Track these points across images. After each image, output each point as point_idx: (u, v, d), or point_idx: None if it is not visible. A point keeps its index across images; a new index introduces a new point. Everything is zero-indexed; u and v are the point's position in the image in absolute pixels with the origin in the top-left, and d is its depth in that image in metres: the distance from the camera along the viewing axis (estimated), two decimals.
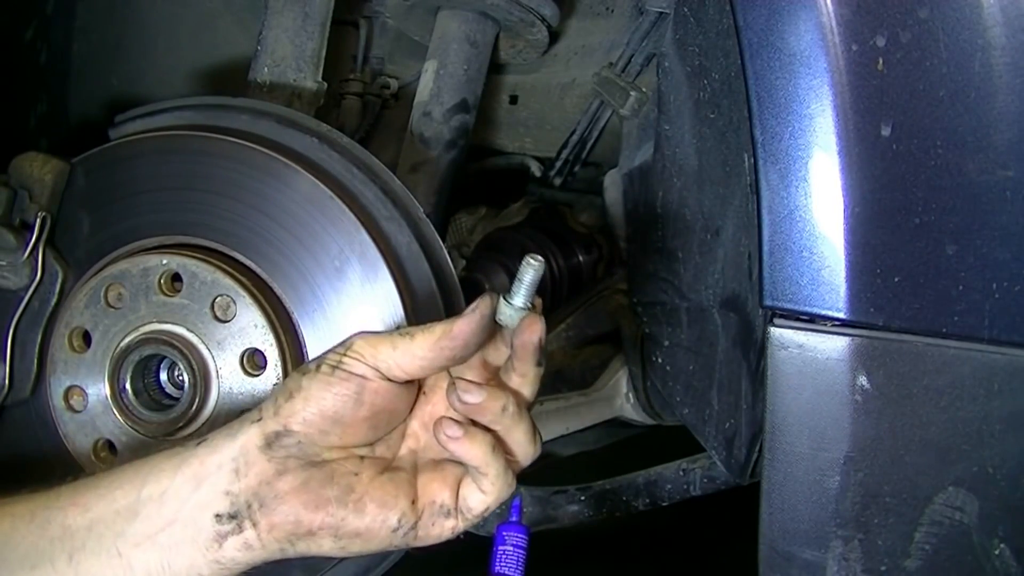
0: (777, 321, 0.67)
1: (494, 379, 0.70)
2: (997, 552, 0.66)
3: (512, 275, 1.65)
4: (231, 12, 1.32)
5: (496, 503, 0.68)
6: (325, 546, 0.66)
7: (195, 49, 1.34)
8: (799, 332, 0.66)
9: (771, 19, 0.66)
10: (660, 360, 1.13)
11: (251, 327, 0.85)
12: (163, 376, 0.91)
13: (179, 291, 0.87)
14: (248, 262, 0.89)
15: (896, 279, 0.64)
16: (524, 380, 0.68)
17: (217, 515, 0.64)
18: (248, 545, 0.65)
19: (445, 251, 0.96)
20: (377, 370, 0.65)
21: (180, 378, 0.88)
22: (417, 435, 0.71)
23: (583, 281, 1.73)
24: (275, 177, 0.89)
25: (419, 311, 0.91)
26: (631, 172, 1.17)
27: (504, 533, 0.94)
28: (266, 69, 1.11)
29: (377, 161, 0.96)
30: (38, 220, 0.92)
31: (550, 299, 1.71)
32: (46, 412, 0.92)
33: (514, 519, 0.96)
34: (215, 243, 0.90)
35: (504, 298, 0.66)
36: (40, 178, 0.92)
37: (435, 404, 0.70)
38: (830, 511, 0.67)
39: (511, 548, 0.92)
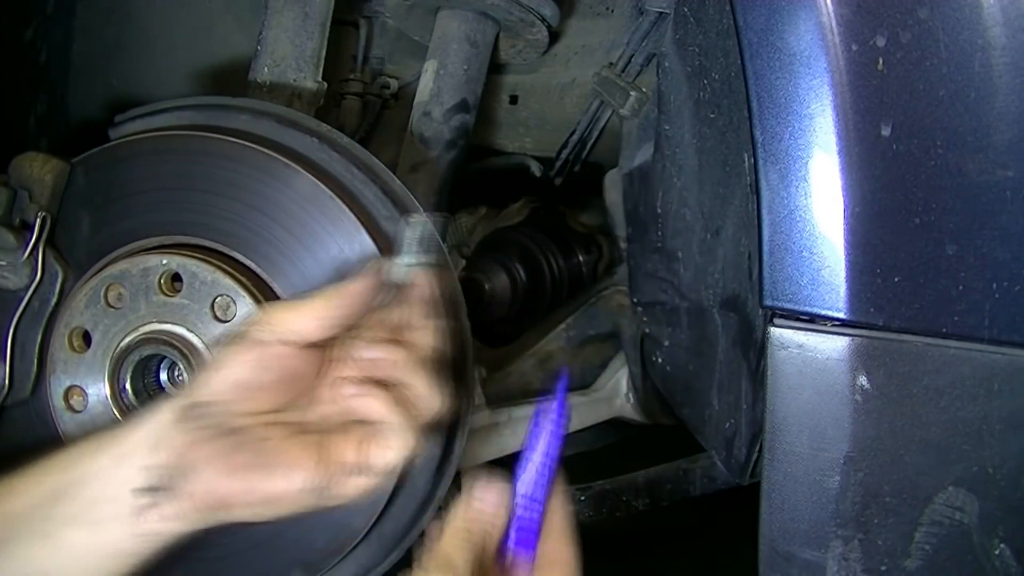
0: (777, 321, 0.67)
1: (391, 335, 0.72)
2: (997, 552, 0.66)
3: (512, 275, 1.64)
4: (231, 12, 1.32)
5: (400, 458, 0.69)
6: (240, 513, 0.68)
7: (195, 49, 1.34)
8: (799, 332, 0.66)
9: (771, 19, 0.66)
10: (660, 360, 1.13)
11: None
12: (163, 376, 0.91)
13: (179, 291, 0.87)
14: (248, 262, 0.89)
15: (896, 279, 0.64)
16: (421, 333, 0.70)
17: (136, 489, 0.66)
18: (167, 517, 0.67)
19: (445, 251, 0.96)
20: (279, 334, 0.68)
21: (180, 378, 0.88)
22: (326, 400, 0.72)
23: (583, 281, 1.73)
24: (275, 177, 0.89)
25: None
26: (631, 172, 1.17)
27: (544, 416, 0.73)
28: (266, 69, 1.11)
29: (377, 161, 0.96)
30: (38, 220, 0.91)
31: (550, 299, 1.71)
32: (46, 412, 0.92)
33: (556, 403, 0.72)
34: (215, 243, 0.90)
35: (394, 259, 0.69)
36: (40, 178, 0.92)
37: (343, 371, 0.72)
38: (830, 511, 0.67)
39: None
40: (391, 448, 0.69)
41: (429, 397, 0.70)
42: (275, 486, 0.67)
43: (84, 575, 0.67)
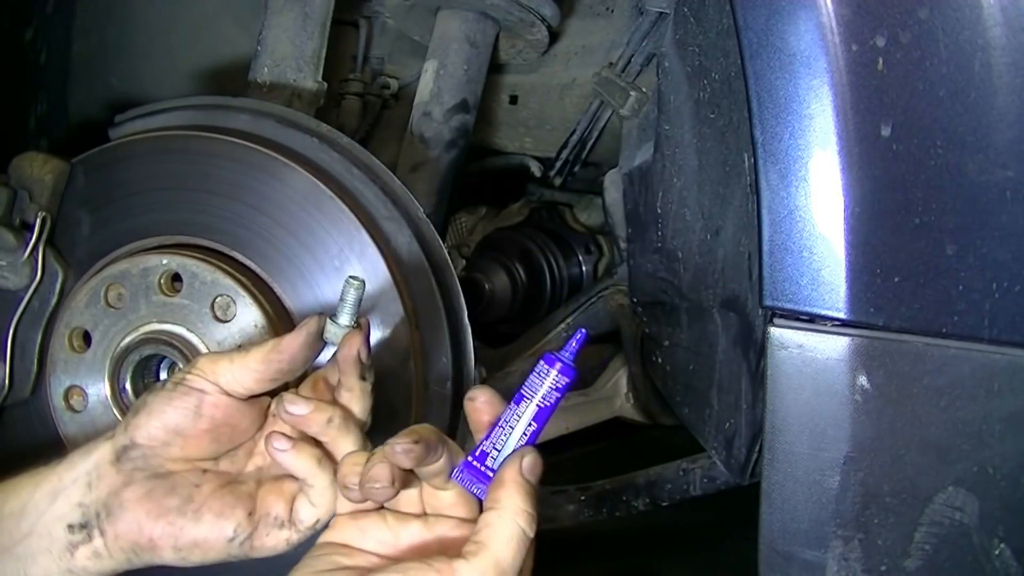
0: (777, 321, 0.67)
1: (320, 393, 0.73)
2: (997, 552, 0.66)
3: (512, 275, 1.64)
4: (231, 12, 1.32)
5: (327, 516, 0.70)
6: (167, 557, 0.70)
7: (195, 49, 1.34)
8: (799, 332, 0.66)
9: (771, 19, 0.66)
10: (660, 360, 1.13)
11: (251, 327, 0.85)
12: (163, 376, 0.91)
13: (179, 291, 0.87)
14: (248, 262, 0.89)
15: (896, 279, 0.64)
16: (352, 395, 0.71)
17: (69, 526, 0.68)
18: (97, 554, 0.68)
19: (445, 251, 0.96)
20: (216, 384, 0.69)
21: None
22: (264, 455, 0.74)
23: (583, 281, 1.73)
24: (275, 177, 0.89)
25: (419, 311, 0.91)
26: (631, 172, 1.17)
27: (548, 368, 0.70)
28: (266, 69, 1.11)
29: (377, 161, 0.96)
30: (38, 220, 0.92)
31: (550, 299, 1.72)
32: (46, 412, 0.92)
33: (568, 355, 0.70)
34: (215, 243, 0.90)
35: (330, 318, 0.71)
36: (40, 178, 0.92)
37: (281, 426, 0.72)
38: (830, 511, 0.67)
39: (555, 394, 0.70)
40: (319, 506, 0.70)
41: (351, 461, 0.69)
42: (202, 533, 0.69)
43: None
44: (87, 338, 0.90)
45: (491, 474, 0.64)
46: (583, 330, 0.72)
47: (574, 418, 1.30)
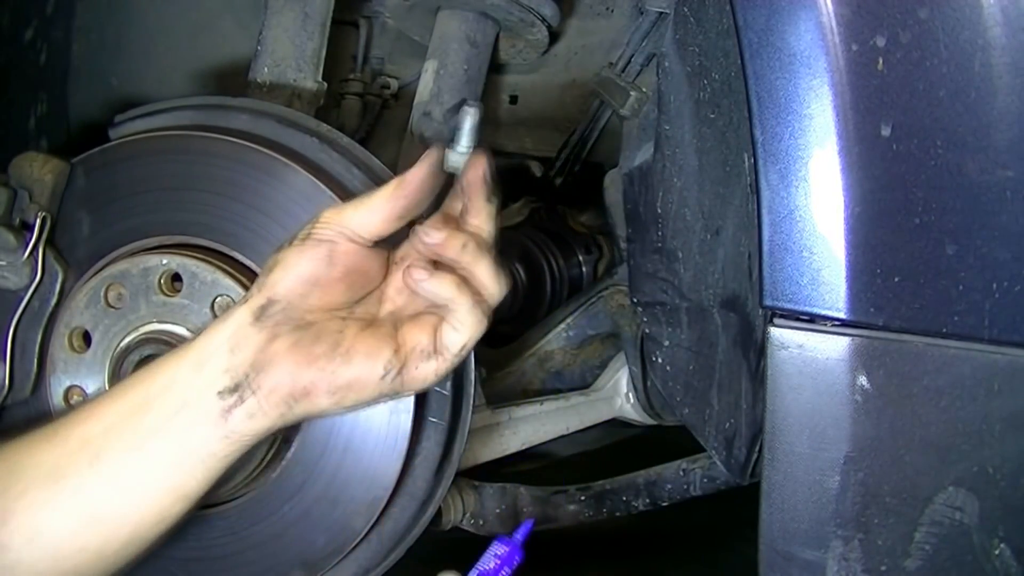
0: (777, 321, 0.67)
1: (448, 222, 0.74)
2: (997, 552, 0.66)
3: (512, 275, 1.64)
4: (231, 12, 1.32)
5: (471, 340, 0.72)
6: (323, 402, 0.71)
7: (195, 49, 1.34)
8: (799, 332, 0.66)
9: (771, 19, 0.66)
10: (660, 360, 1.13)
11: None
12: None
13: (179, 291, 0.87)
14: (248, 262, 0.89)
15: (896, 279, 0.64)
16: (480, 218, 0.73)
17: (220, 391, 0.69)
18: (251, 413, 0.69)
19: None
20: (343, 232, 0.70)
21: None
22: (394, 299, 0.75)
23: (583, 281, 1.73)
24: (275, 177, 0.89)
25: None
26: (631, 172, 1.17)
27: (498, 545, 0.96)
28: (266, 69, 1.11)
29: (377, 161, 0.96)
30: (38, 220, 0.92)
31: (550, 299, 1.71)
32: (46, 412, 0.92)
33: (517, 537, 0.95)
34: (215, 243, 0.90)
35: (448, 147, 0.72)
36: (40, 178, 0.92)
37: (414, 262, 0.74)
38: (830, 511, 0.67)
39: (495, 560, 0.93)
40: (463, 329, 0.71)
41: (491, 281, 0.72)
42: (355, 373, 0.70)
43: (177, 480, 0.70)
44: (87, 338, 0.90)
45: None
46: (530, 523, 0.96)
47: (574, 418, 1.30)
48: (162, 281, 0.87)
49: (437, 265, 0.71)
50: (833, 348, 0.65)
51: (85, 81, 1.31)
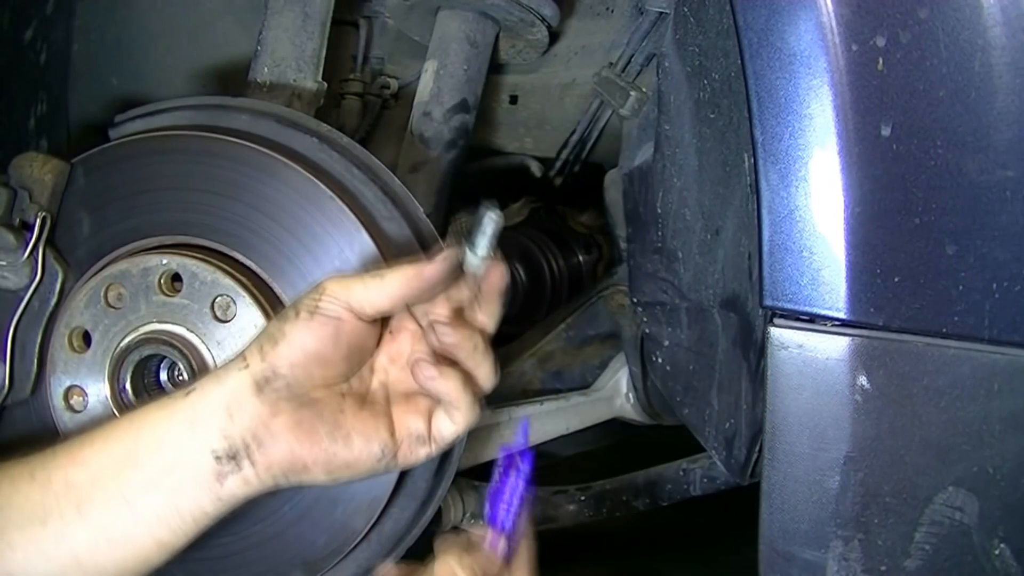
0: (777, 321, 0.67)
1: (458, 317, 0.76)
2: (997, 552, 0.66)
3: (512, 275, 1.64)
4: (231, 12, 1.32)
5: (465, 430, 0.75)
6: (319, 478, 0.72)
7: (195, 49, 1.34)
8: (799, 332, 0.66)
9: (771, 19, 0.66)
10: (660, 360, 1.13)
11: (251, 327, 0.85)
12: (163, 376, 0.91)
13: (179, 291, 0.87)
14: (248, 262, 0.89)
15: (896, 279, 0.64)
16: (490, 318, 0.76)
17: (216, 455, 0.69)
18: (247, 481, 0.70)
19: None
20: (350, 309, 0.71)
21: (180, 378, 0.88)
22: (386, 370, 0.77)
23: (583, 281, 1.73)
24: (275, 177, 0.89)
25: None
26: (631, 172, 1.17)
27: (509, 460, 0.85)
28: (266, 69, 1.11)
29: (377, 161, 0.96)
30: (38, 220, 0.91)
31: (550, 299, 1.71)
32: (46, 412, 0.92)
33: (519, 439, 0.86)
34: (215, 243, 0.90)
35: (468, 248, 0.73)
36: (40, 178, 0.92)
37: (400, 342, 0.76)
38: (830, 511, 0.67)
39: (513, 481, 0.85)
40: (459, 423, 0.74)
41: (490, 376, 0.76)
42: (353, 455, 0.72)
43: (165, 534, 0.70)
44: (87, 338, 0.90)
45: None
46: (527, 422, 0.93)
47: (574, 418, 1.30)
48: (162, 281, 0.87)
49: (436, 353, 0.73)
50: (833, 348, 0.65)
51: (85, 81, 1.31)
